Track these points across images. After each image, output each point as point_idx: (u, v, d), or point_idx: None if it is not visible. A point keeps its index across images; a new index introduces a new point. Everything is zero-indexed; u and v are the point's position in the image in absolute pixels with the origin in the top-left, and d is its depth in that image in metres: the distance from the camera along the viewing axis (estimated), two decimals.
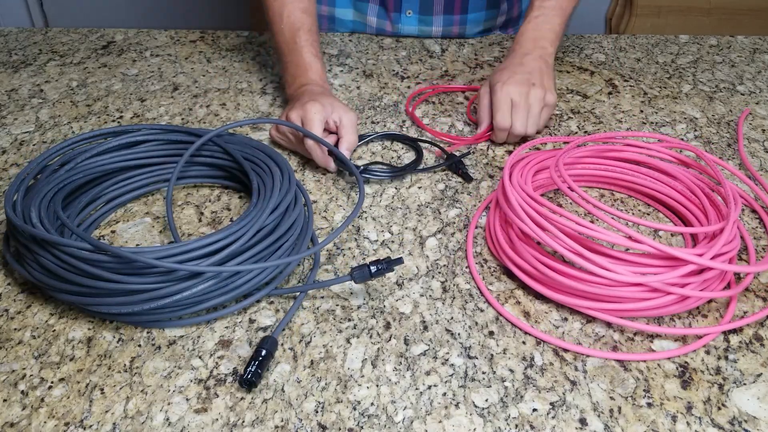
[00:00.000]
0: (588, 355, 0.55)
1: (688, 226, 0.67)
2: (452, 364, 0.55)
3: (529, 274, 0.60)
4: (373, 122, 0.85)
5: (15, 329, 0.57)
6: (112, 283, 0.53)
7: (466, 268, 0.64)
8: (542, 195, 0.72)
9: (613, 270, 0.54)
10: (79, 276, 0.54)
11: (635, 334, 0.57)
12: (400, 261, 0.58)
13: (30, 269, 0.57)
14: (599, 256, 0.55)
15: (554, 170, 0.63)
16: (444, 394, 0.52)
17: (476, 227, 0.69)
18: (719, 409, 0.52)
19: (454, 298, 0.61)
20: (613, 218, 0.56)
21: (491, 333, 0.57)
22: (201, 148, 0.71)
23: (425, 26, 1.03)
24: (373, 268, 0.57)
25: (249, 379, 0.51)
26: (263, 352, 0.52)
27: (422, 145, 0.80)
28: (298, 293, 0.60)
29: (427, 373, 0.54)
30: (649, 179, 0.71)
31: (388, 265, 0.57)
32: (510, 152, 0.80)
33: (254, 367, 0.51)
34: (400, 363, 0.55)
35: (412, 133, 0.84)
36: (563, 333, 0.57)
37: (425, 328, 0.58)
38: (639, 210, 0.72)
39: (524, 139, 0.81)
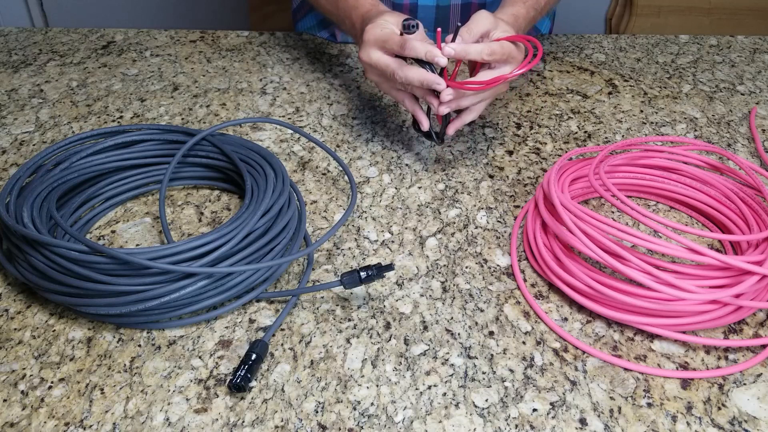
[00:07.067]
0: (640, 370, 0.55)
1: (726, 233, 0.65)
2: (452, 364, 0.55)
3: (581, 292, 0.58)
4: (373, 122, 0.85)
5: (15, 329, 0.57)
6: (100, 284, 0.53)
7: (467, 268, 0.64)
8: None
9: (686, 288, 0.53)
10: (68, 277, 0.54)
11: (635, 334, 0.57)
12: (390, 267, 0.57)
13: (21, 269, 0.57)
14: (669, 274, 0.53)
15: (594, 179, 0.61)
16: (444, 394, 0.52)
17: (476, 227, 0.69)
18: (719, 409, 0.52)
19: (454, 298, 0.61)
20: (668, 229, 0.55)
21: (491, 333, 0.57)
22: (197, 148, 0.70)
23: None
24: (363, 274, 0.57)
25: (238, 383, 0.51)
26: (253, 356, 0.52)
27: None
28: (289, 297, 0.59)
29: (427, 373, 0.54)
30: (680, 186, 0.69)
31: (378, 271, 0.57)
32: (510, 152, 0.80)
33: (244, 371, 0.51)
34: (400, 363, 0.55)
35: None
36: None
37: (425, 328, 0.58)
38: (673, 217, 0.71)
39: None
